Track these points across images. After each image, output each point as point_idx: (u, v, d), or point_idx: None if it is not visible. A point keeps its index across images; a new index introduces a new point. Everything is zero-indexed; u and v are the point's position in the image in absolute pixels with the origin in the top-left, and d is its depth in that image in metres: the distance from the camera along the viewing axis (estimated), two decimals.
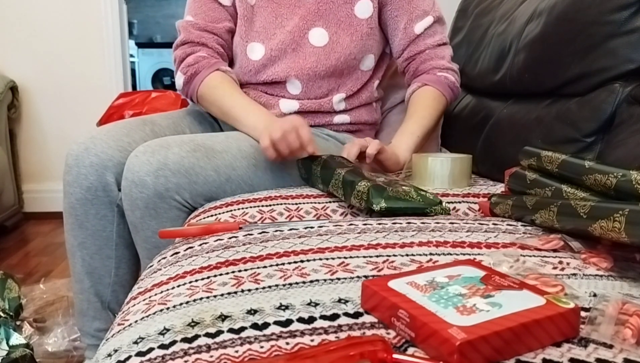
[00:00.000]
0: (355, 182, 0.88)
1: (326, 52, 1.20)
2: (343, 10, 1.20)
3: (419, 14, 1.23)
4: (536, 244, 0.68)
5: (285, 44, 1.19)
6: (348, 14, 1.20)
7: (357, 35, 1.20)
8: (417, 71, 1.27)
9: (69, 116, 2.73)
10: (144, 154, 1.00)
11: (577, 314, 0.46)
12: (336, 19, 1.20)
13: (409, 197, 0.85)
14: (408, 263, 0.63)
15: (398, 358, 0.43)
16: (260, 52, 1.21)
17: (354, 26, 1.20)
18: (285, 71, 1.20)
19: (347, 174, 0.92)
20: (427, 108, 1.22)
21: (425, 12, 1.24)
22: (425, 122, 1.21)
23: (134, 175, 0.99)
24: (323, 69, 1.20)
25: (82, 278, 1.17)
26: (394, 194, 0.85)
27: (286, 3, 1.20)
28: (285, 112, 1.22)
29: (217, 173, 1.03)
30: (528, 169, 0.86)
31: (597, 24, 1.00)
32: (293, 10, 1.20)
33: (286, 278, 0.60)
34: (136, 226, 1.05)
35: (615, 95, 0.98)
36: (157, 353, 0.48)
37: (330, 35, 1.19)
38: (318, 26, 1.19)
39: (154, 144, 1.02)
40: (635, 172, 0.64)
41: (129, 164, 1.01)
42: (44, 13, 2.65)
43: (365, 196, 0.85)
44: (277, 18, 1.21)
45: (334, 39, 1.19)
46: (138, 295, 0.64)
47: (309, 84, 1.22)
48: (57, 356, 1.39)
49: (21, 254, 2.20)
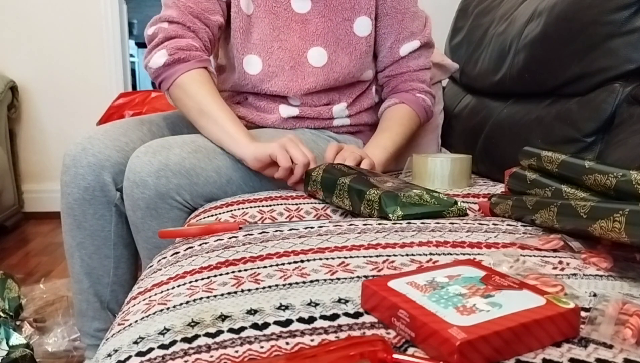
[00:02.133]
0: (364, 191, 0.85)
1: (325, 72, 1.19)
2: (342, 28, 1.18)
3: (406, 35, 1.23)
4: (536, 244, 0.68)
5: (284, 61, 1.18)
6: (347, 31, 1.19)
7: (356, 55, 1.20)
8: (396, 88, 1.28)
9: (68, 116, 2.73)
10: (146, 155, 1.00)
11: (577, 314, 0.46)
12: (335, 37, 1.18)
13: (423, 201, 0.83)
14: (408, 263, 0.63)
15: (398, 358, 0.43)
16: (258, 67, 1.18)
17: (353, 45, 1.19)
18: (283, 89, 1.19)
19: (352, 182, 0.89)
20: (401, 126, 1.21)
21: (413, 34, 1.24)
22: (398, 139, 1.19)
23: (135, 176, 0.99)
24: (321, 88, 1.20)
25: (81, 278, 1.17)
26: (408, 200, 0.82)
27: (283, 15, 1.18)
28: (285, 116, 1.21)
29: (218, 174, 1.03)
30: (528, 169, 0.86)
31: (597, 24, 1.00)
32: (290, 23, 1.18)
33: (286, 278, 0.60)
34: (137, 227, 1.05)
35: (615, 95, 0.98)
36: (157, 353, 0.48)
37: (329, 55, 1.18)
38: (317, 45, 1.18)
39: (155, 145, 1.02)
40: (635, 172, 0.64)
41: (131, 164, 1.01)
42: (44, 13, 2.65)
43: (377, 204, 0.83)
44: (274, 30, 1.18)
45: (332, 59, 1.18)
46: (138, 295, 0.64)
47: (307, 98, 1.22)
48: (57, 356, 1.39)
49: (21, 254, 2.20)
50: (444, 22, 1.82)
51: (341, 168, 0.97)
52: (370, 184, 0.87)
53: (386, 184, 0.89)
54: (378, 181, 0.89)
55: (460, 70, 1.57)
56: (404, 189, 0.85)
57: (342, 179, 0.90)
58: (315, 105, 1.23)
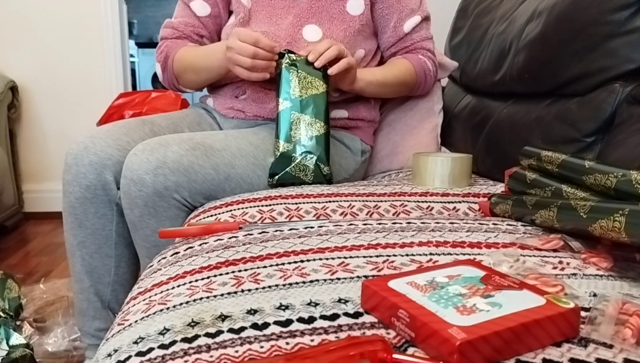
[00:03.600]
0: None
1: None
2: (335, 8, 1.23)
3: (407, 12, 1.29)
4: (536, 244, 0.68)
5: (280, 39, 1.22)
6: (340, 10, 1.23)
7: (350, 31, 1.24)
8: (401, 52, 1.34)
9: (69, 116, 2.73)
10: (143, 153, 1.00)
11: (577, 314, 0.46)
12: (329, 15, 1.23)
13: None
14: (408, 263, 0.63)
15: (398, 358, 0.43)
16: None
17: (347, 22, 1.24)
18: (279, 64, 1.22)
19: None
20: (394, 67, 1.28)
21: (413, 10, 1.29)
22: (388, 74, 1.26)
23: (132, 173, 0.99)
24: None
25: (81, 277, 1.17)
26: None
27: (280, 4, 1.24)
28: None
29: (216, 172, 1.03)
30: (528, 169, 0.86)
31: (597, 24, 1.00)
32: (287, 10, 1.24)
33: (286, 278, 0.60)
34: (135, 225, 1.05)
35: (615, 95, 0.98)
36: (157, 353, 0.48)
37: (323, 31, 1.23)
38: (311, 23, 1.23)
39: (153, 143, 1.02)
40: (635, 172, 0.64)
41: (128, 162, 1.01)
42: (44, 13, 2.65)
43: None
44: (271, 18, 1.24)
45: (327, 35, 1.23)
46: (138, 295, 0.64)
47: None
48: (57, 356, 1.39)
49: (21, 254, 2.20)
50: (444, 22, 1.82)
51: None
52: None
53: None
54: None
55: (460, 70, 1.57)
56: None
57: None
58: None
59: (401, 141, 1.42)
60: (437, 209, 0.95)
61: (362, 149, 1.30)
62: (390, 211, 0.93)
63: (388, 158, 1.42)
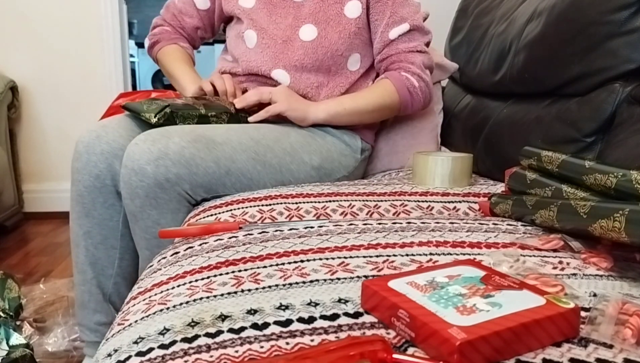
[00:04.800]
0: None
1: (314, 46, 1.24)
2: (333, 9, 1.24)
3: (396, 19, 1.26)
4: (536, 244, 0.68)
5: (277, 36, 1.25)
6: (338, 12, 1.24)
7: (345, 33, 1.24)
8: (386, 69, 1.31)
9: (69, 116, 2.73)
10: (145, 143, 0.99)
11: (577, 314, 0.46)
12: (326, 17, 1.24)
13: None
14: (408, 263, 0.63)
15: (398, 358, 0.43)
16: (254, 40, 1.27)
17: (343, 24, 1.24)
18: (273, 60, 1.25)
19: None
20: (370, 92, 1.26)
21: (402, 18, 1.26)
22: (361, 101, 1.24)
23: (133, 163, 0.99)
24: (310, 62, 1.24)
25: (85, 268, 1.17)
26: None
27: (282, 4, 1.27)
28: None
29: (217, 165, 1.03)
30: (528, 169, 0.86)
31: (597, 24, 1.00)
32: (288, 10, 1.26)
33: (286, 278, 0.60)
34: (135, 216, 1.04)
35: (615, 95, 0.98)
36: (157, 353, 0.48)
37: (319, 31, 1.24)
38: (308, 23, 1.24)
39: (154, 133, 1.02)
40: (635, 172, 0.64)
41: (129, 152, 1.00)
42: (44, 13, 2.65)
43: None
44: (271, 17, 1.27)
45: (322, 35, 1.24)
46: (138, 295, 0.64)
47: (296, 75, 1.25)
48: (57, 356, 1.39)
49: (21, 254, 2.20)
50: (444, 22, 1.82)
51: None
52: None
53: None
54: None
55: (460, 70, 1.57)
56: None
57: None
58: (304, 90, 1.26)
59: (401, 141, 1.42)
60: (437, 209, 0.95)
61: (362, 148, 1.30)
62: (391, 210, 0.93)
63: (388, 157, 1.42)
